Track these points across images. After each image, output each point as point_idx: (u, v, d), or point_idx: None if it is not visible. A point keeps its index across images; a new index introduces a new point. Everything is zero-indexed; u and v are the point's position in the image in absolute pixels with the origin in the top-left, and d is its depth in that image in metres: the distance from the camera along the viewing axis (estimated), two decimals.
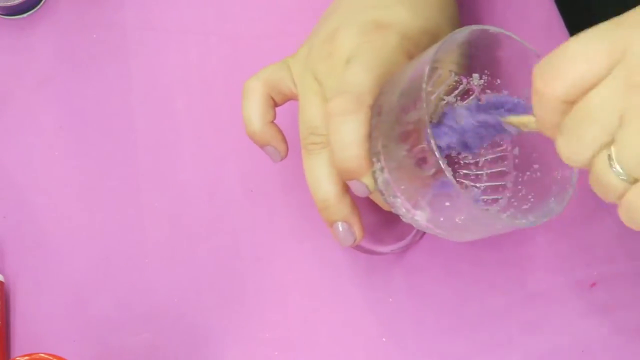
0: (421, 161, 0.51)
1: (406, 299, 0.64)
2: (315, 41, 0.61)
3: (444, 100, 0.58)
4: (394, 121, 0.53)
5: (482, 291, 0.64)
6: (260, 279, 0.65)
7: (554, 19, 0.71)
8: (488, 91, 0.57)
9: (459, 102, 0.58)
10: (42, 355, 0.55)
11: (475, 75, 0.57)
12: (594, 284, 0.63)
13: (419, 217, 0.54)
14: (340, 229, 0.58)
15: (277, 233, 0.67)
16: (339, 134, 0.55)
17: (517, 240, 0.65)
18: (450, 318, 0.63)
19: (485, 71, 0.56)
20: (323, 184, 0.58)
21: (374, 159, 0.55)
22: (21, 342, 0.64)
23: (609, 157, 0.44)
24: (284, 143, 0.62)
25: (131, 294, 0.65)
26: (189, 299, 0.65)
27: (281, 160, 0.62)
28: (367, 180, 0.56)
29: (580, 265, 0.64)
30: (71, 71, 0.72)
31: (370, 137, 0.55)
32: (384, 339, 0.63)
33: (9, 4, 0.73)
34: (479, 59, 0.56)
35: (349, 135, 0.55)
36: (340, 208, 0.58)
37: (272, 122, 0.62)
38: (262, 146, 0.62)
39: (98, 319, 0.65)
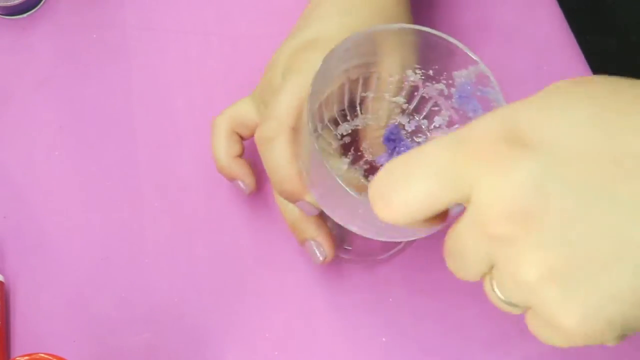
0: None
1: (406, 299, 0.64)
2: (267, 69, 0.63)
3: (394, 101, 0.59)
4: (304, 139, 0.55)
5: (483, 291, 0.64)
6: (260, 278, 0.65)
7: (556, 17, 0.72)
8: (428, 84, 0.58)
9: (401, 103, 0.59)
10: (42, 355, 0.55)
11: (409, 72, 0.58)
12: None
13: (353, 228, 0.55)
14: (310, 247, 0.60)
15: (277, 233, 0.67)
16: (266, 160, 0.58)
17: None
18: (450, 318, 0.63)
19: (417, 66, 0.58)
20: (288, 206, 0.60)
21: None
22: (21, 342, 0.64)
23: (491, 282, 0.42)
24: (251, 177, 0.64)
25: (131, 294, 0.65)
26: (189, 299, 0.65)
27: (250, 193, 0.64)
28: (310, 198, 0.57)
29: None
30: (71, 71, 0.73)
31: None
32: (384, 339, 0.63)
33: (9, 4, 0.73)
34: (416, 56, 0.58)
35: (275, 159, 0.57)
36: (306, 227, 0.60)
37: (239, 156, 0.64)
38: (230, 181, 0.64)
39: (98, 319, 0.65)
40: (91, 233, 0.68)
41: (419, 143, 0.59)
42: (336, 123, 0.59)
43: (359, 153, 0.60)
